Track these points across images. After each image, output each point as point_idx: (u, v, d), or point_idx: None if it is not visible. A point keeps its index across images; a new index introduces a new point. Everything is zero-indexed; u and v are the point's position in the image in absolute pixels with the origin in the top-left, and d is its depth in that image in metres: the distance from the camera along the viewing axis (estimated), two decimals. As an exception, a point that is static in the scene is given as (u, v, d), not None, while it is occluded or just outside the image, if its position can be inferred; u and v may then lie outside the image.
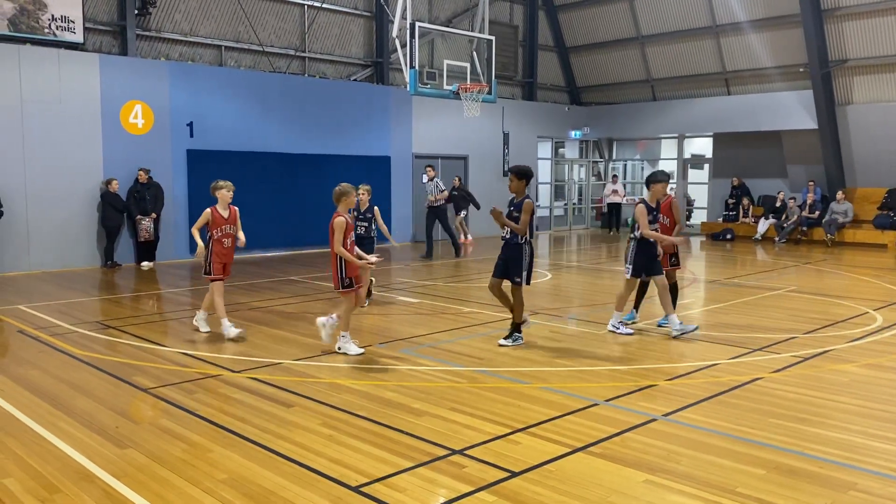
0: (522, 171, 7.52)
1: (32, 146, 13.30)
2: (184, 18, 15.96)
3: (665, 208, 8.52)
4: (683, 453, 4.71)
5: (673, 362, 7.04)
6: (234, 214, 8.00)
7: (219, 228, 7.84)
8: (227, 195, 7.92)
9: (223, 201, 7.92)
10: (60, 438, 4.94)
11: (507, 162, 21.55)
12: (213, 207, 7.87)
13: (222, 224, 7.88)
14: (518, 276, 7.51)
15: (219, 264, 7.89)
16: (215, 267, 7.88)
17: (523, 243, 7.47)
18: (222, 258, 7.92)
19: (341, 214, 7.15)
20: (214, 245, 7.85)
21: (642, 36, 22.16)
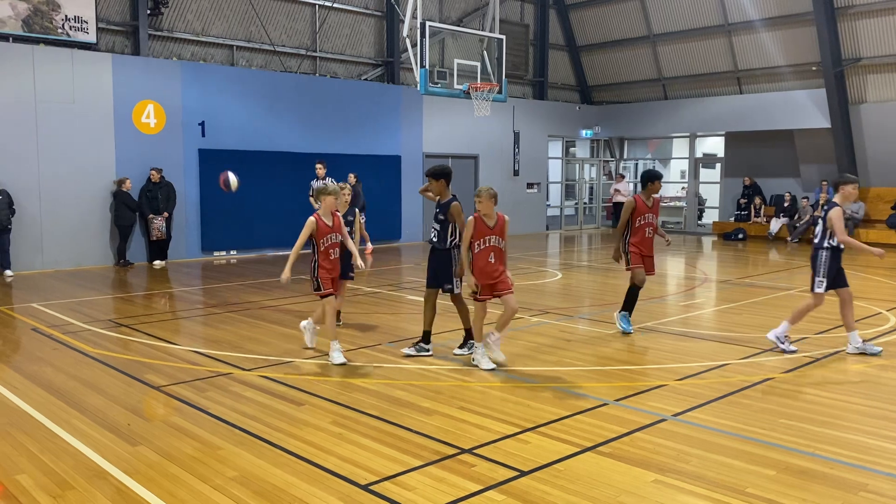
0: (439, 172, 7.08)
1: (46, 146, 13.41)
2: (196, 18, 16.04)
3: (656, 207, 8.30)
4: (693, 453, 4.70)
5: (683, 362, 7.02)
6: (338, 222, 7.11)
7: (324, 238, 6.95)
8: (333, 202, 7.02)
9: (328, 208, 7.01)
10: (73, 435, 4.99)
11: (517, 161, 21.54)
12: (317, 215, 6.99)
13: (327, 233, 6.97)
14: (449, 283, 7.05)
15: (327, 278, 6.96)
16: (324, 282, 6.94)
17: (451, 248, 7.02)
18: (331, 271, 7.00)
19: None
20: (320, 258, 6.95)
21: (654, 35, 22.08)
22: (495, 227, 6.73)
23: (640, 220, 8.09)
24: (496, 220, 6.74)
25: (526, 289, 11.65)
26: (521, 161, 21.64)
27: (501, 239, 6.76)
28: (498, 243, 6.73)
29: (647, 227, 8.10)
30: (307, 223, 6.92)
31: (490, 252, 6.67)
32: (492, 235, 6.67)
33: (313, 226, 6.94)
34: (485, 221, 6.68)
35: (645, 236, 8.12)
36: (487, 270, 6.64)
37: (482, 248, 6.67)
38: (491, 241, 6.68)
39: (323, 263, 6.96)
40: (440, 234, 7.05)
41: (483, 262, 6.64)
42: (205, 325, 9.00)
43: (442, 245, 7.05)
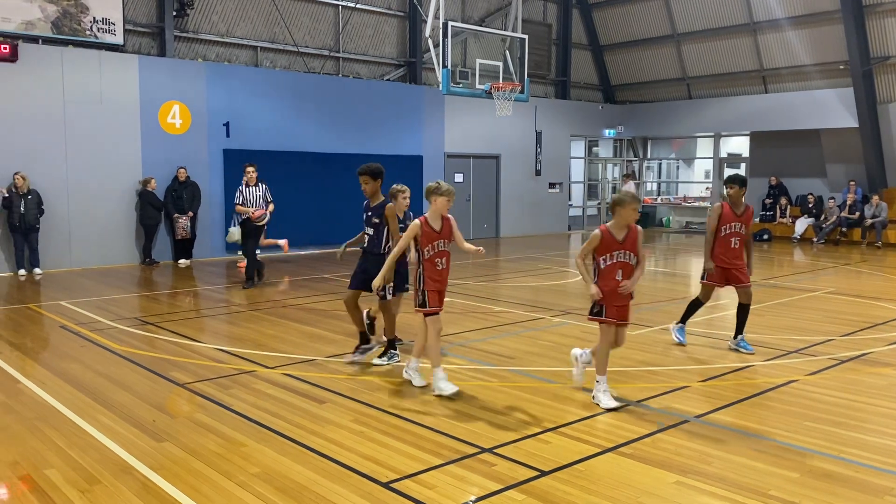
0: (376, 171, 6.68)
1: (74, 145, 13.62)
2: (220, 20, 16.20)
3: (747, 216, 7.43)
4: (715, 455, 4.67)
5: (706, 363, 6.97)
6: (448, 226, 6.08)
7: (431, 245, 5.97)
8: (445, 203, 6.03)
9: (438, 210, 6.02)
10: (100, 431, 5.07)
11: (539, 161, 21.49)
12: (423, 218, 6.00)
13: (435, 239, 5.99)
14: (382, 290, 6.52)
15: (434, 292, 5.96)
16: (431, 297, 5.94)
17: (386, 253, 6.57)
18: (437, 283, 6.00)
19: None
20: (426, 266, 5.96)
21: (678, 34, 21.91)
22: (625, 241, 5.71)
23: (724, 228, 7.34)
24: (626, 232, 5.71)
25: (548, 289, 11.63)
26: (543, 161, 21.59)
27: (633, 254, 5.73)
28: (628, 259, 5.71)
29: (733, 236, 7.32)
30: (411, 226, 6.00)
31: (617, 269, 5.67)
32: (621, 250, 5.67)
33: (417, 230, 5.95)
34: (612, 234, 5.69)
35: (730, 247, 7.32)
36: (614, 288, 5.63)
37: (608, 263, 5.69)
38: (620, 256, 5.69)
39: (430, 275, 5.95)
40: (374, 239, 6.72)
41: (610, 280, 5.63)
42: (229, 323, 9.09)
43: (377, 250, 6.69)
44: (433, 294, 5.94)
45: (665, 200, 25.63)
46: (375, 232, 6.70)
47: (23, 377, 6.44)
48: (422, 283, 5.96)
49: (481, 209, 20.35)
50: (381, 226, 6.65)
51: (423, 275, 5.96)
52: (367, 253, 6.77)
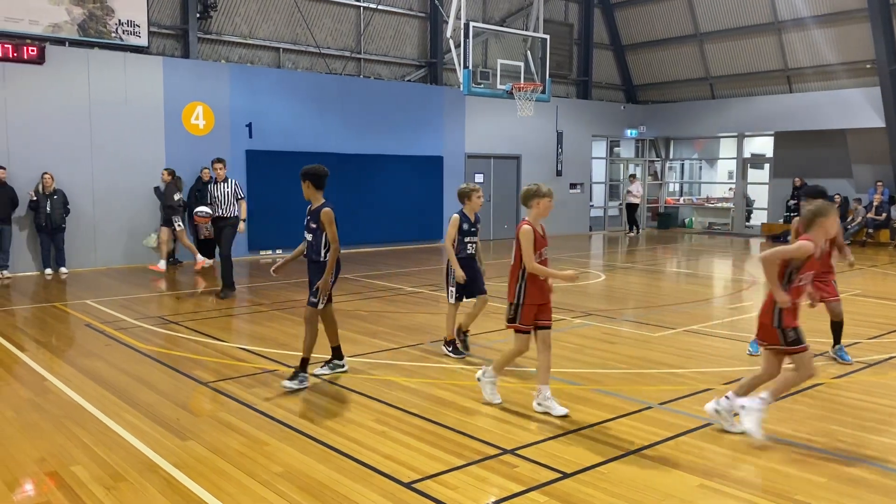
0: (320, 174, 6.29)
1: (99, 146, 13.79)
2: (243, 21, 16.32)
3: None
4: (740, 458, 4.62)
5: (729, 366, 6.91)
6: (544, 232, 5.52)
7: (539, 253, 5.36)
8: (549, 205, 5.47)
9: (542, 214, 5.45)
10: (125, 429, 5.13)
11: (560, 161, 21.41)
12: (528, 222, 5.38)
13: (541, 248, 5.38)
14: (314, 297, 6.16)
15: (531, 306, 5.37)
16: (526, 313, 5.38)
17: (324, 260, 6.19)
18: (540, 297, 5.39)
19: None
20: (529, 281, 5.35)
21: (701, 33, 21.73)
22: None
23: None
24: None
25: (569, 290, 11.58)
26: (564, 161, 21.51)
27: None
28: None
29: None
30: (523, 232, 5.33)
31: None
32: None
33: (530, 236, 5.30)
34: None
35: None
36: None
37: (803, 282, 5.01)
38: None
39: (531, 289, 5.37)
40: (313, 245, 6.24)
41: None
42: (251, 322, 9.16)
43: (316, 256, 6.23)
44: (530, 309, 5.37)
45: (687, 201, 25.43)
46: (314, 238, 6.20)
47: (50, 375, 6.53)
48: (522, 296, 5.36)
49: (501, 210, 20.31)
50: (320, 231, 6.16)
51: (524, 287, 5.36)
52: (312, 262, 6.28)
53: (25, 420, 5.33)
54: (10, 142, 12.85)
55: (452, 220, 7.12)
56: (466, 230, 7.12)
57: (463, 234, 7.09)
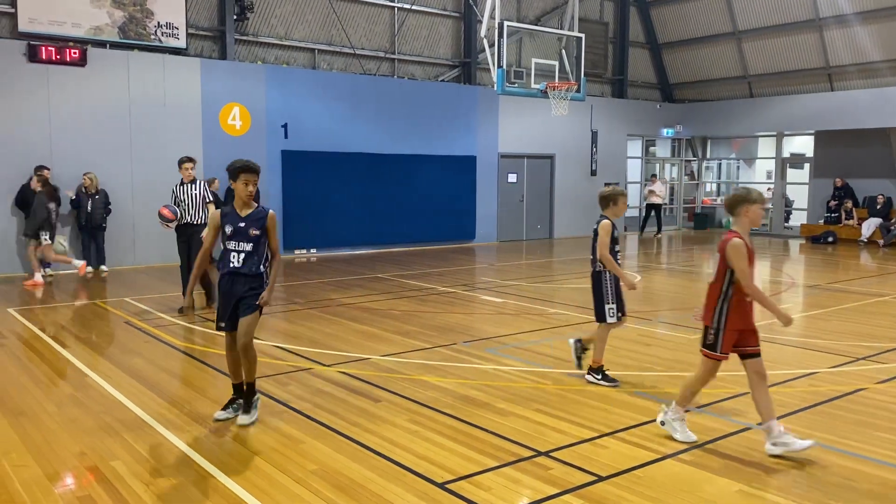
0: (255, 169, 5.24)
1: (139, 147, 14.04)
2: (279, 23, 16.48)
3: None
4: (780, 464, 4.53)
5: (769, 370, 6.74)
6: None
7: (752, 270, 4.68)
8: (760, 213, 4.72)
9: (752, 223, 4.71)
10: (163, 425, 5.20)
11: (594, 161, 21.23)
12: (738, 234, 4.63)
13: (753, 262, 4.67)
14: (255, 309, 5.22)
15: (733, 332, 4.71)
16: (727, 337, 4.71)
17: (265, 273, 5.30)
18: (740, 321, 4.71)
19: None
20: (734, 301, 4.65)
21: (739, 31, 21.38)
22: None
23: None
24: None
25: (603, 291, 11.47)
26: (598, 161, 21.33)
27: None
28: None
29: None
30: (734, 246, 4.56)
31: None
32: None
33: (743, 251, 4.57)
34: None
35: None
36: None
37: None
38: None
39: (735, 312, 4.68)
40: (253, 256, 5.20)
41: None
42: (286, 321, 9.24)
43: (255, 269, 5.22)
44: (731, 335, 4.69)
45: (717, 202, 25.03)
46: (255, 247, 5.20)
47: (90, 371, 6.65)
48: (724, 320, 4.67)
49: (535, 210, 20.22)
50: (264, 239, 5.24)
51: (727, 309, 4.66)
52: (238, 275, 5.19)
53: (67, 415, 5.44)
54: (53, 142, 13.14)
55: (604, 226, 6.23)
56: (615, 238, 6.31)
57: (613, 243, 6.26)
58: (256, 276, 5.22)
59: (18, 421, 5.30)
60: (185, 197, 9.46)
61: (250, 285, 5.21)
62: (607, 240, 6.19)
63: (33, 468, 4.46)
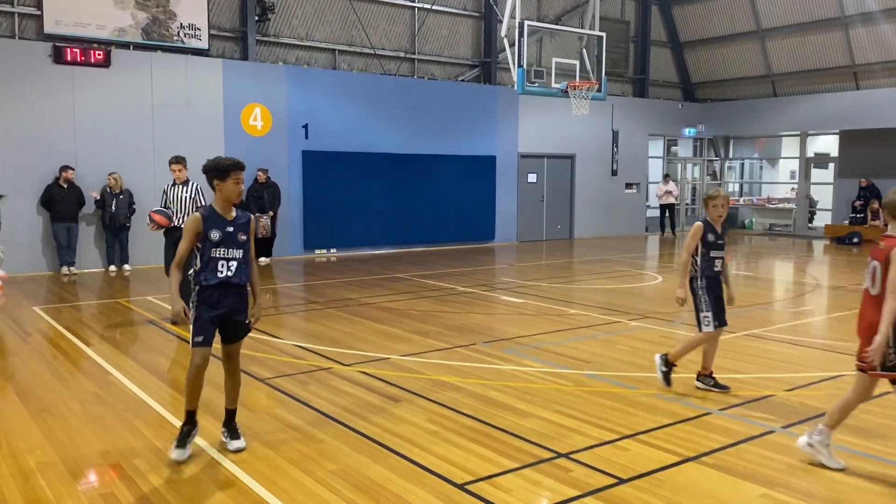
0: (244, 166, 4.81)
1: (162, 147, 14.15)
2: (300, 24, 16.56)
3: None
4: (804, 468, 4.46)
5: (792, 372, 6.69)
6: None
7: None
8: None
9: None
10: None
11: (615, 161, 21.11)
12: None
13: None
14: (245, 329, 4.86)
15: None
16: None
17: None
18: None
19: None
20: None
21: (762, 29, 21.16)
22: None
23: None
24: None
25: (625, 292, 11.41)
26: (619, 160, 21.21)
27: None
28: None
29: None
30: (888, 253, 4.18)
31: None
32: None
33: None
34: None
35: None
36: None
37: None
38: None
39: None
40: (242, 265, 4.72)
41: None
42: (306, 320, 9.28)
43: (245, 280, 4.77)
44: None
45: (747, 202, 24.79)
46: (244, 255, 4.74)
47: (113, 369, 6.72)
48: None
49: (555, 210, 20.15)
50: (248, 245, 4.78)
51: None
52: (230, 286, 4.70)
53: (90, 412, 5.50)
54: (77, 143, 13.30)
55: (695, 228, 5.87)
56: (712, 242, 5.83)
57: (708, 247, 5.83)
58: (244, 288, 4.78)
59: (43, 418, 5.37)
60: (174, 198, 8.73)
61: (242, 298, 4.76)
62: (691, 243, 5.83)
63: (57, 465, 4.51)
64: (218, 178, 4.67)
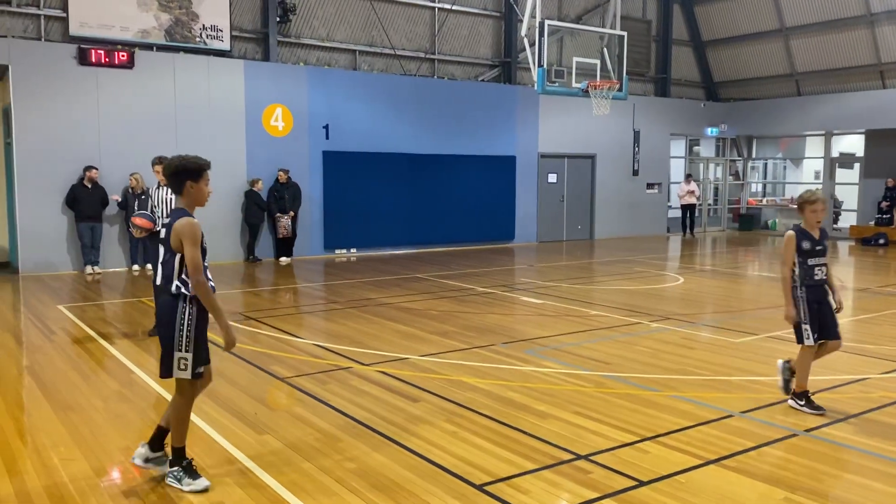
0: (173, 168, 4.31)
1: (184, 147, 14.26)
2: (321, 25, 16.63)
3: None
4: (828, 472, 4.40)
5: (817, 375, 6.59)
6: None
7: None
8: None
9: None
10: (206, 422, 5.28)
11: (637, 161, 20.97)
12: None
13: None
14: (169, 357, 4.21)
15: None
16: None
17: (179, 294, 4.18)
18: None
19: None
20: None
21: (786, 28, 20.91)
22: None
23: None
24: None
25: (646, 294, 11.33)
26: (640, 160, 21.07)
27: None
28: None
29: None
30: None
31: None
32: None
33: None
34: None
35: None
36: None
37: None
38: None
39: None
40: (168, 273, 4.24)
41: None
42: (326, 319, 9.31)
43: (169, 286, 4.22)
44: None
45: (771, 202, 24.52)
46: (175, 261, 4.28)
47: (136, 367, 6.79)
48: None
49: (575, 210, 20.06)
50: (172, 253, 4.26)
51: None
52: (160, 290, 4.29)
53: (113, 410, 5.56)
54: (101, 143, 13.46)
55: (787, 238, 5.55)
56: (808, 250, 5.52)
57: (805, 256, 5.52)
58: (171, 300, 4.24)
59: (67, 415, 5.44)
60: (159, 200, 7.85)
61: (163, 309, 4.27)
62: (787, 254, 5.50)
63: (80, 462, 4.56)
64: (192, 179, 4.27)
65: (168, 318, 4.15)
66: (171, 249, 4.19)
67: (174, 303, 4.15)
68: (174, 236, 4.16)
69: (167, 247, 4.21)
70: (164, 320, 4.20)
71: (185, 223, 4.15)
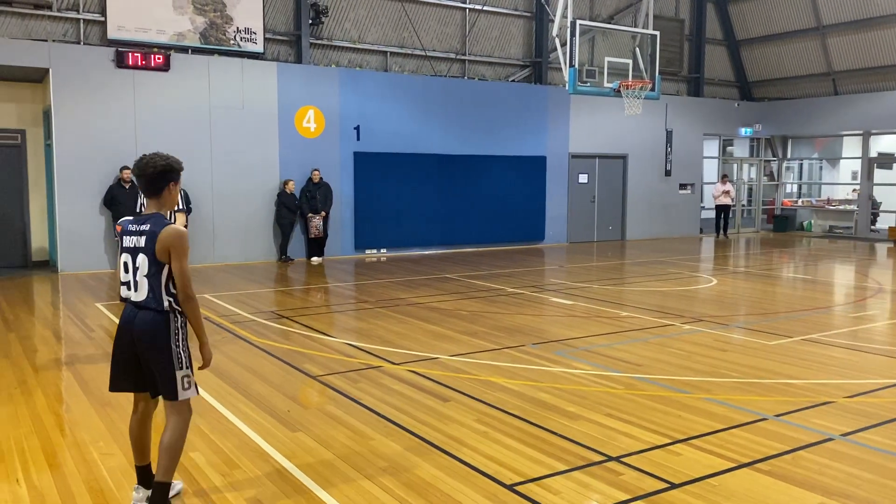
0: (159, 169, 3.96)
1: (219, 148, 14.51)
2: (353, 26, 16.75)
3: None
4: (864, 477, 4.34)
5: (853, 378, 6.49)
6: None
7: None
8: None
9: None
10: (239, 419, 5.36)
11: (669, 161, 20.78)
12: None
13: None
14: (172, 380, 3.81)
15: None
16: None
17: (169, 311, 3.84)
18: None
19: None
20: None
21: (823, 26, 20.56)
22: None
23: None
24: None
25: (678, 295, 11.23)
26: (673, 161, 20.87)
27: None
28: None
29: None
30: None
31: None
32: None
33: None
34: None
35: None
36: None
37: None
38: None
39: None
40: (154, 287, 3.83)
41: None
42: (357, 319, 9.38)
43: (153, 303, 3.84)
44: None
45: (806, 203, 24.13)
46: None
47: (171, 364, 6.90)
48: None
49: (606, 211, 19.94)
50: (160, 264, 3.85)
51: None
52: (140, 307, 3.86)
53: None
54: (138, 145, 13.71)
55: None
56: None
57: None
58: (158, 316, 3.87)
59: (105, 410, 5.56)
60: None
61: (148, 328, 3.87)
62: None
63: (118, 456, 4.67)
64: (175, 179, 3.98)
65: (161, 337, 3.78)
66: (157, 261, 3.77)
67: (164, 319, 3.81)
68: (160, 246, 3.75)
69: (151, 258, 3.77)
70: (156, 342, 3.78)
71: (174, 233, 3.78)
